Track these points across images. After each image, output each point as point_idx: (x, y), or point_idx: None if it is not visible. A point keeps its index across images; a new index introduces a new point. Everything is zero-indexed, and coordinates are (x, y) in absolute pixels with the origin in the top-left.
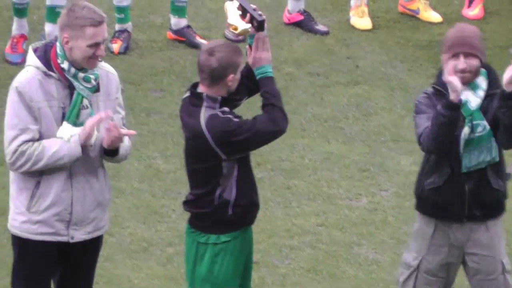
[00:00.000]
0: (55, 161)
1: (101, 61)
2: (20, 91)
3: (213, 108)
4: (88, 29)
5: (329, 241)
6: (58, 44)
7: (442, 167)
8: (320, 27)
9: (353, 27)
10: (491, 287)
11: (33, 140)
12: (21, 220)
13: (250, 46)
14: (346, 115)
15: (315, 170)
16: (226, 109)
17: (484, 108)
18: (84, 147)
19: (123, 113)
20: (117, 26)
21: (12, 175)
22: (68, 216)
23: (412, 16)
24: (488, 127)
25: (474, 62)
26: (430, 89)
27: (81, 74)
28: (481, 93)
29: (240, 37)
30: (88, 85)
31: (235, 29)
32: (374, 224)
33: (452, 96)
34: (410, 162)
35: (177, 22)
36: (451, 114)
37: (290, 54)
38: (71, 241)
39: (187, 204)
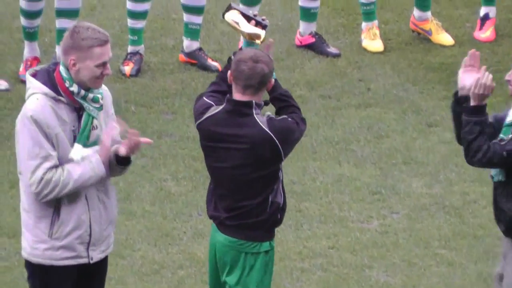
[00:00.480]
0: (81, 183)
1: None
2: (35, 119)
3: (260, 114)
4: (96, 49)
5: (340, 263)
6: (62, 67)
7: None
8: (332, 50)
9: (365, 50)
10: None
11: (55, 166)
12: (44, 247)
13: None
14: (357, 137)
15: (327, 192)
16: (269, 112)
17: None
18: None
19: (118, 127)
20: (130, 48)
21: (26, 205)
22: (88, 237)
23: (424, 38)
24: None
25: None
26: None
27: (90, 95)
28: None
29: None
30: (97, 105)
31: (258, 37)
32: (385, 247)
33: (460, 92)
34: (422, 184)
35: (189, 44)
36: (472, 116)
37: (302, 76)
38: (91, 261)
39: (238, 217)
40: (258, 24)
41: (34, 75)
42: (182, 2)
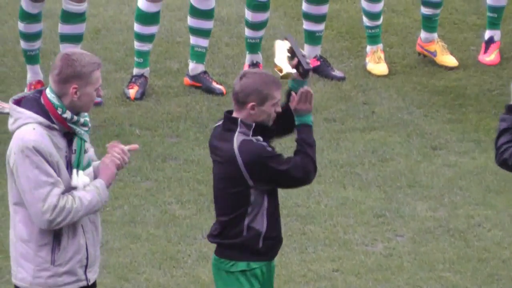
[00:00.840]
0: (91, 209)
1: None
2: (38, 149)
3: (247, 134)
4: (95, 74)
5: (345, 287)
6: (52, 95)
7: None
8: (337, 73)
9: (369, 73)
10: None
11: (64, 193)
12: (47, 275)
13: (291, 90)
14: (362, 160)
15: (331, 215)
16: (259, 137)
17: None
18: None
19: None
20: (135, 71)
21: (26, 235)
22: (85, 260)
23: (429, 62)
24: None
25: None
26: None
27: (81, 120)
28: None
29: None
30: (86, 129)
31: (280, 70)
32: (390, 270)
33: None
34: (426, 207)
35: (195, 67)
36: None
37: None
38: (89, 284)
39: (213, 236)
40: (299, 65)
41: (17, 104)
42: (189, 24)
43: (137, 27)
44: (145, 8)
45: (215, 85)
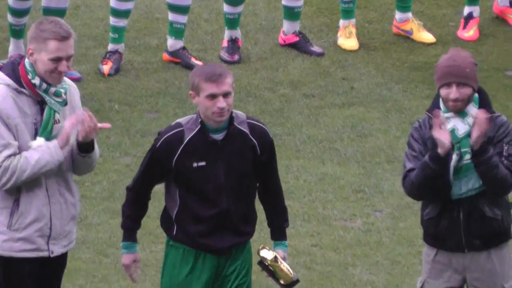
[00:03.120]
0: (39, 169)
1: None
2: None
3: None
4: (51, 43)
5: (323, 262)
6: (27, 60)
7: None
8: (316, 49)
9: (343, 48)
10: None
11: (14, 154)
12: (3, 239)
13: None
14: (341, 136)
15: (310, 191)
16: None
17: None
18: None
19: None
20: (110, 46)
21: None
22: (48, 231)
23: (407, 38)
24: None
25: (467, 91)
26: (424, 116)
27: (52, 89)
28: (470, 120)
29: (235, 58)
30: (59, 99)
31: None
32: (368, 245)
33: (440, 151)
34: None
35: (173, 43)
36: (437, 167)
37: (286, 76)
38: (51, 255)
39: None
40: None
41: (1, 68)
42: (167, 1)
43: (113, 3)
44: None
45: (194, 61)
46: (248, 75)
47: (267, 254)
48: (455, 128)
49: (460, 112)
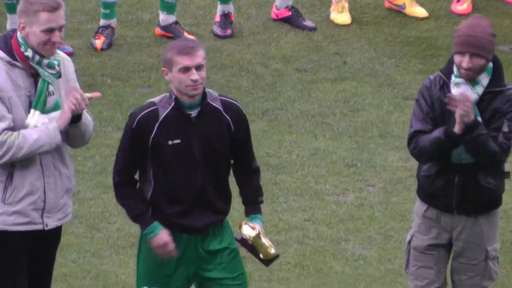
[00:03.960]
0: (36, 149)
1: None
2: None
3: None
4: (42, 14)
5: (316, 236)
6: (18, 33)
7: None
8: (308, 23)
9: (335, 23)
10: (470, 270)
11: (9, 128)
12: None
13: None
14: (333, 111)
15: (303, 165)
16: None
17: (483, 105)
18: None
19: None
20: (102, 22)
21: None
22: (42, 204)
23: (400, 12)
24: (480, 122)
25: (480, 61)
26: (436, 74)
27: (45, 61)
28: (479, 89)
29: (228, 32)
30: (53, 71)
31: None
32: (361, 220)
33: (457, 128)
34: (397, 158)
35: (165, 18)
36: (451, 143)
37: (278, 50)
38: (46, 228)
39: None
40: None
41: None
42: None
43: None
44: None
45: (186, 35)
46: (240, 50)
47: (250, 231)
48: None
49: (471, 80)
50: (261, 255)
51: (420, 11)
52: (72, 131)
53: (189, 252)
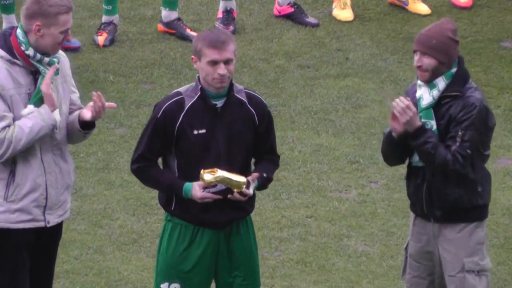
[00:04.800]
0: (34, 135)
1: None
2: None
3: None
4: (62, 16)
5: (318, 233)
6: (20, 31)
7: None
8: (311, 20)
9: (338, 20)
10: (449, 282)
11: (9, 126)
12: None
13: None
14: (336, 107)
15: (305, 162)
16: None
17: (442, 111)
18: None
19: (77, 92)
20: (104, 18)
21: None
22: (44, 201)
23: (402, 8)
24: (434, 127)
25: (431, 62)
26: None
27: (46, 59)
28: (435, 93)
29: (230, 29)
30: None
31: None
32: (363, 216)
33: (393, 134)
34: None
35: (168, 14)
36: (391, 144)
37: (281, 47)
38: (48, 225)
39: None
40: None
41: None
42: None
43: None
44: None
45: (189, 32)
46: (243, 46)
47: (210, 176)
48: (421, 97)
49: (428, 82)
50: (235, 190)
51: (422, 8)
52: (81, 135)
53: (211, 248)
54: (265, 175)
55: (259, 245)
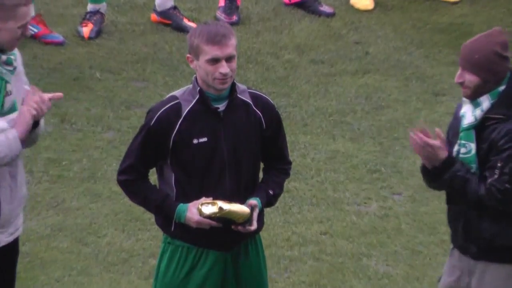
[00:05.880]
0: None
1: None
2: None
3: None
4: (21, 9)
5: (334, 252)
6: None
7: None
8: (325, 8)
9: (356, 8)
10: None
11: None
12: None
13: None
14: (354, 108)
15: (319, 171)
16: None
17: (486, 133)
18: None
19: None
20: (90, 7)
21: None
22: None
23: None
24: (474, 151)
25: (473, 79)
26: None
27: (3, 57)
28: (478, 113)
29: (234, 19)
30: (10, 68)
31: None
32: (385, 233)
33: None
34: None
35: (162, 2)
36: (426, 176)
37: (291, 39)
38: None
39: None
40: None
41: None
42: None
43: None
44: None
45: (186, 22)
46: (248, 39)
47: (210, 209)
48: (464, 115)
49: (472, 100)
50: (239, 221)
51: None
52: (28, 136)
53: (216, 271)
54: (271, 192)
55: (267, 265)
